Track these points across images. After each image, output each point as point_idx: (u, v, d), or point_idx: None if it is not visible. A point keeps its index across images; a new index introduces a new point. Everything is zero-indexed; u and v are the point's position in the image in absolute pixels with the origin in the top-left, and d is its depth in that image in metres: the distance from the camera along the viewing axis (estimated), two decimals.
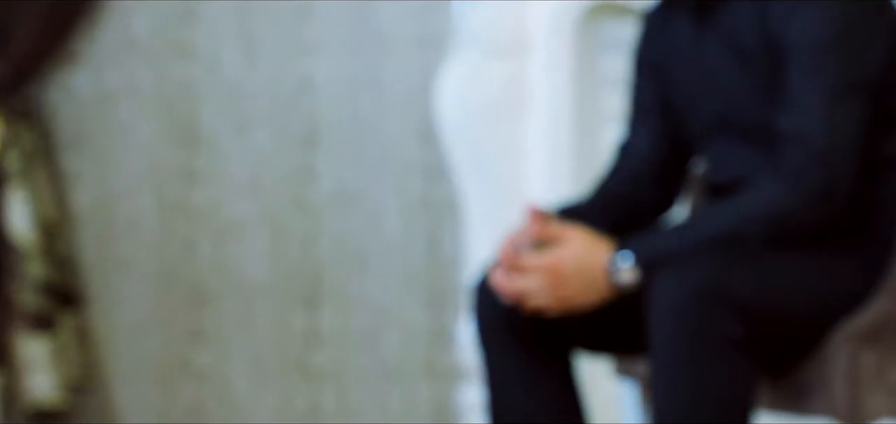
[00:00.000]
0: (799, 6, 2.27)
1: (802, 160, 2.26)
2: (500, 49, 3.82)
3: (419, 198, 4.14)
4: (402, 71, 4.12)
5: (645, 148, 2.51)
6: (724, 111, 2.39)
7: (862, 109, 2.27)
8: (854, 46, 2.27)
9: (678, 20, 2.43)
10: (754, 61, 2.33)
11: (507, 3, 3.83)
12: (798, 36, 2.27)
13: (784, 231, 2.28)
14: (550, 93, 3.83)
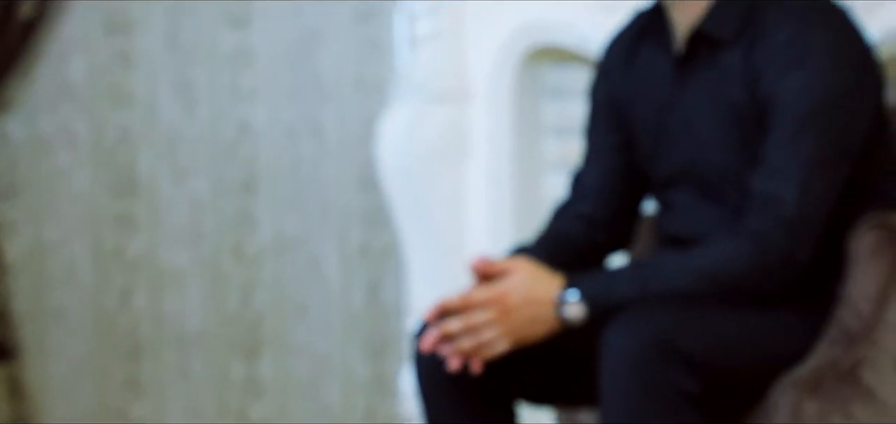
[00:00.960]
0: (791, 68, 2.24)
1: (769, 224, 2.23)
2: (441, 95, 3.81)
3: (360, 245, 4.11)
4: (342, 117, 4.10)
5: (597, 187, 2.48)
6: (695, 160, 2.36)
7: (838, 180, 2.26)
8: (840, 117, 2.25)
9: (653, 56, 2.40)
10: (736, 114, 2.30)
11: (447, 48, 3.82)
12: (786, 98, 2.24)
13: (738, 291, 2.25)
14: (491, 139, 3.83)
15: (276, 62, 4.12)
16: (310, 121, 4.12)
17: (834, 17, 2.29)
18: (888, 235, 2.29)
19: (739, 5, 2.29)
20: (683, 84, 2.34)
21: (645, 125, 2.41)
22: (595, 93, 2.50)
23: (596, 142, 2.50)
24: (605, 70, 2.49)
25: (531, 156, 3.91)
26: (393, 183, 3.80)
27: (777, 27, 2.25)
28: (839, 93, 2.23)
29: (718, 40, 2.29)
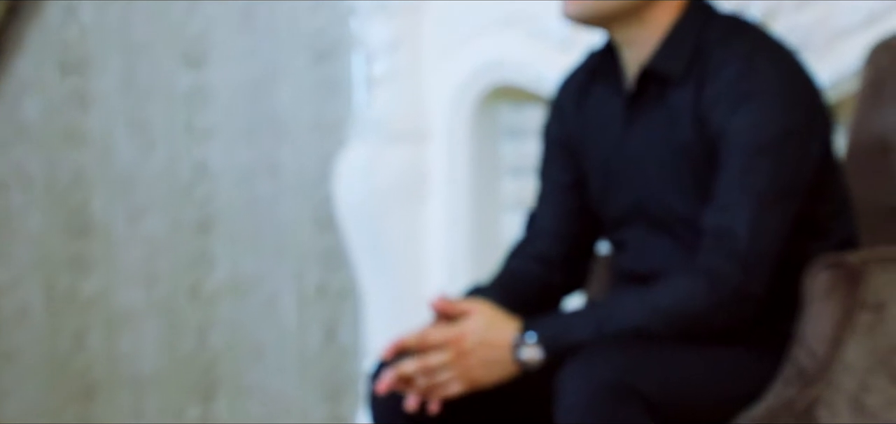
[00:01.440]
0: (740, 103, 2.25)
1: (722, 260, 2.24)
2: (399, 134, 3.82)
3: (317, 285, 4.10)
4: (299, 156, 4.09)
5: (552, 227, 2.49)
6: (646, 198, 2.36)
7: (788, 216, 2.27)
8: (790, 152, 2.26)
9: (604, 95, 2.41)
10: (686, 152, 2.31)
11: (405, 88, 3.82)
12: (735, 135, 2.25)
13: (694, 331, 2.25)
14: (449, 178, 3.83)
15: (232, 101, 4.10)
16: (266, 160, 4.10)
17: (781, 56, 2.31)
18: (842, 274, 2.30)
19: (688, 44, 2.30)
20: (633, 123, 2.35)
21: (596, 164, 2.42)
22: (548, 133, 2.51)
23: (549, 181, 2.50)
24: (558, 110, 2.49)
25: (489, 196, 3.90)
26: (350, 223, 3.79)
27: (725, 66, 2.27)
28: (787, 129, 2.25)
29: (667, 78, 2.30)
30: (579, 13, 2.33)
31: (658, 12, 2.32)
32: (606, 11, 2.31)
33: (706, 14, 2.34)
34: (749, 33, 2.33)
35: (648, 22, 2.32)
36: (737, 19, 2.36)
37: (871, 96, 2.69)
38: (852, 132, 2.71)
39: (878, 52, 2.72)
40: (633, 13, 2.32)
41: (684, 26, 2.31)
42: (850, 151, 2.70)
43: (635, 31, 2.33)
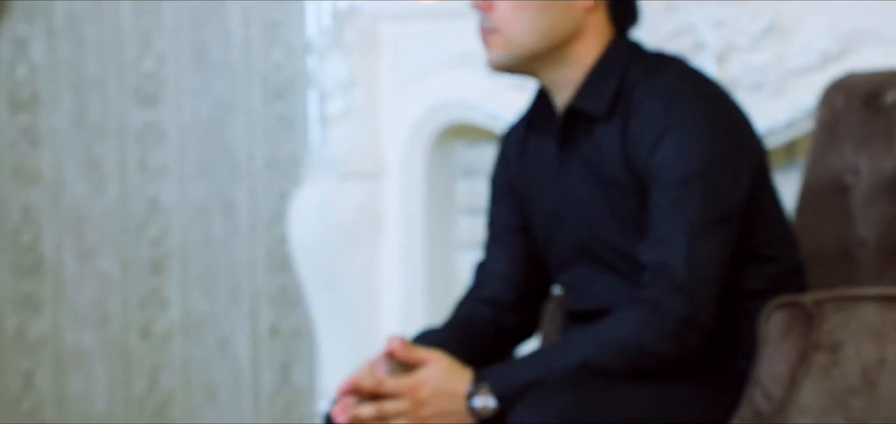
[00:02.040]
0: (664, 137, 2.26)
1: (662, 292, 2.24)
2: (354, 173, 3.81)
3: (271, 325, 4.08)
4: (253, 194, 4.08)
5: (503, 271, 2.48)
6: (587, 237, 2.37)
7: (724, 243, 2.27)
8: (718, 180, 2.27)
9: (540, 141, 2.41)
10: (618, 189, 2.31)
11: (360, 126, 3.81)
12: (662, 167, 2.26)
13: (643, 363, 2.25)
14: (405, 217, 3.82)
15: (185, 139, 4.09)
16: (220, 198, 4.09)
17: (702, 88, 2.32)
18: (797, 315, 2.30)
19: (611, 82, 2.31)
20: (566, 164, 2.36)
21: (539, 208, 2.42)
22: (495, 181, 2.51)
23: (498, 226, 2.50)
24: (503, 157, 2.50)
25: (444, 235, 3.90)
26: (305, 261, 3.78)
27: (647, 102, 2.28)
28: (712, 158, 2.26)
29: (592, 117, 2.31)
30: (499, 61, 2.34)
31: (580, 52, 2.33)
32: (525, 56, 2.32)
33: (630, 52, 2.35)
34: (671, 68, 2.34)
35: (571, 63, 2.33)
36: (660, 55, 2.37)
37: (826, 136, 2.70)
38: (807, 172, 2.72)
39: (832, 92, 2.72)
40: (554, 56, 2.32)
41: (607, 65, 2.32)
42: (804, 191, 2.70)
43: (560, 73, 2.33)
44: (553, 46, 2.32)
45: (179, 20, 4.11)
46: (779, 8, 3.48)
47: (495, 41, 2.32)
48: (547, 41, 2.31)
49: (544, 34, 2.31)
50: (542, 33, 2.31)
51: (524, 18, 2.29)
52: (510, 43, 2.31)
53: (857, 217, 2.61)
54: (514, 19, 2.29)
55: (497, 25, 2.31)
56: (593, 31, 2.33)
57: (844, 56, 3.43)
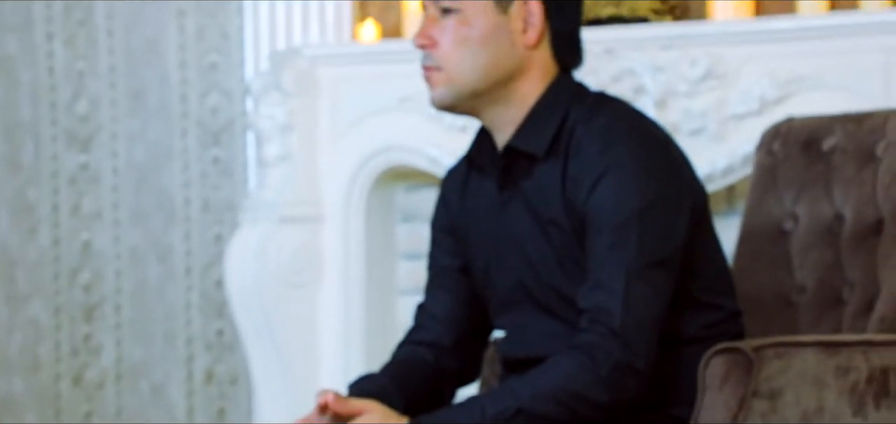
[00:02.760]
0: (602, 179, 2.24)
1: (599, 337, 2.22)
2: (292, 217, 3.78)
3: (206, 371, 4.05)
4: (189, 239, 4.04)
5: (443, 314, 2.45)
6: (527, 279, 2.34)
7: (662, 287, 2.25)
8: (656, 224, 2.25)
9: (480, 184, 2.38)
10: (558, 230, 2.29)
11: (298, 170, 3.79)
12: (600, 209, 2.24)
13: (580, 410, 2.23)
14: (344, 262, 3.79)
15: (120, 183, 4.05)
16: (156, 243, 4.05)
17: (644, 129, 2.31)
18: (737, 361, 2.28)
19: (552, 121, 2.29)
20: (507, 204, 2.34)
21: (479, 249, 2.40)
22: (435, 223, 2.48)
23: (438, 269, 2.47)
24: (444, 199, 2.47)
25: (384, 281, 3.88)
26: (241, 307, 3.74)
27: (586, 143, 2.26)
28: (650, 201, 2.24)
29: (532, 157, 2.29)
30: (442, 99, 2.32)
31: (523, 91, 2.31)
32: (468, 93, 2.30)
33: (572, 92, 2.33)
34: (611, 109, 2.33)
35: (514, 102, 2.31)
36: (601, 96, 2.36)
37: (765, 182, 2.69)
38: (746, 217, 2.71)
39: (770, 137, 2.72)
40: (497, 94, 2.31)
41: (549, 104, 2.31)
42: (743, 236, 2.70)
43: (501, 112, 2.31)
44: (496, 84, 2.30)
45: (115, 63, 4.08)
46: (718, 54, 3.49)
47: (438, 79, 2.29)
48: (490, 79, 2.29)
49: (487, 71, 2.29)
50: (485, 70, 2.28)
51: (467, 56, 2.27)
52: (453, 80, 2.28)
53: (795, 263, 2.61)
54: (457, 57, 2.27)
55: (440, 63, 2.29)
56: (537, 69, 2.31)
57: (783, 102, 3.44)
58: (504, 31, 2.26)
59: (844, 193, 2.55)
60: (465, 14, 2.25)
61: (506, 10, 2.26)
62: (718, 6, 3.59)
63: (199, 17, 4.04)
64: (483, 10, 2.26)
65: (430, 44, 2.29)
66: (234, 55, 4.03)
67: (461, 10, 2.25)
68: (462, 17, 2.25)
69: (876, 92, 3.34)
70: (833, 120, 2.63)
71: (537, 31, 2.27)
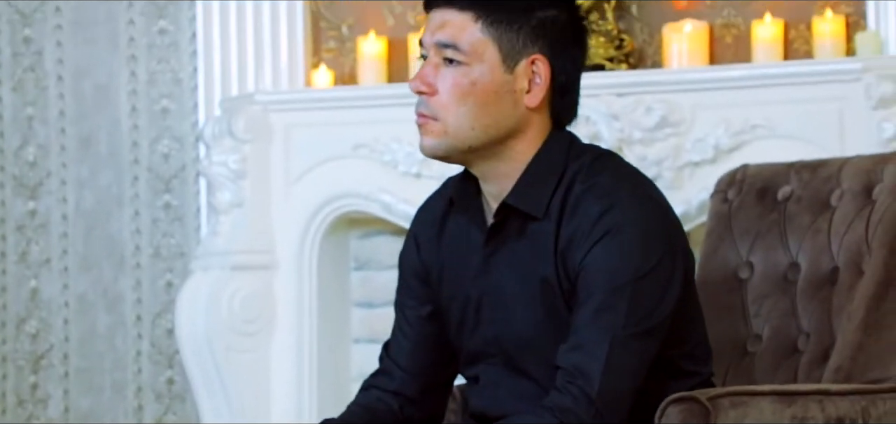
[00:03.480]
0: (601, 242, 2.18)
1: (573, 400, 2.17)
2: (244, 264, 3.75)
3: (156, 421, 4.00)
4: (139, 287, 4.00)
5: (408, 363, 2.40)
6: (504, 334, 2.29)
7: (645, 356, 2.21)
8: (649, 293, 2.20)
9: (463, 225, 2.32)
10: (545, 290, 2.23)
11: (251, 217, 3.76)
12: (594, 274, 2.18)
13: None
14: (297, 310, 3.76)
15: (69, 230, 4.00)
16: (105, 291, 4.00)
17: (642, 194, 2.26)
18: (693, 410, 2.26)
19: (550, 180, 2.24)
20: (493, 256, 2.28)
21: (454, 297, 2.34)
22: (405, 264, 2.42)
23: (405, 312, 2.41)
24: (415, 239, 2.41)
25: (338, 329, 3.84)
26: (192, 355, 3.70)
27: (585, 202, 2.20)
28: (645, 269, 2.19)
29: (528, 214, 2.24)
30: (435, 149, 2.25)
31: (518, 147, 2.25)
32: (463, 148, 2.24)
33: (568, 147, 2.27)
34: (610, 168, 2.27)
35: (508, 157, 2.25)
36: (599, 152, 2.30)
37: (720, 230, 2.68)
38: (701, 266, 2.70)
39: (725, 185, 2.71)
40: (492, 149, 2.24)
41: (545, 161, 2.25)
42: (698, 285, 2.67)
43: (494, 166, 2.25)
44: (492, 142, 2.23)
45: (64, 108, 4.04)
46: (673, 102, 3.49)
47: (433, 129, 2.21)
48: (486, 137, 2.21)
49: (486, 130, 2.21)
50: (484, 128, 2.21)
51: (466, 111, 2.18)
52: (448, 134, 2.20)
53: (751, 312, 2.60)
54: (456, 110, 2.18)
55: (437, 113, 2.20)
56: (534, 127, 2.24)
57: (738, 150, 3.43)
58: (508, 91, 2.17)
59: (799, 242, 2.54)
60: (470, 68, 2.15)
61: (512, 69, 2.17)
62: (673, 54, 3.59)
63: (150, 62, 4.01)
64: (489, 66, 2.16)
65: (430, 91, 2.19)
66: (187, 100, 4.00)
67: (466, 63, 2.16)
68: (466, 69, 2.15)
69: (830, 140, 3.34)
70: (788, 168, 2.62)
71: (542, 93, 2.18)
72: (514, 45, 2.16)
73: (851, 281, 2.42)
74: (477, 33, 2.15)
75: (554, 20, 2.18)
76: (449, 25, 2.15)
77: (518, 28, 2.15)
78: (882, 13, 3.47)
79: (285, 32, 3.88)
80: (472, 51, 2.14)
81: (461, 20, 2.15)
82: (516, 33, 2.15)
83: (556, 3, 2.19)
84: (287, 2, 3.88)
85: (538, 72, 2.17)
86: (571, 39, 2.20)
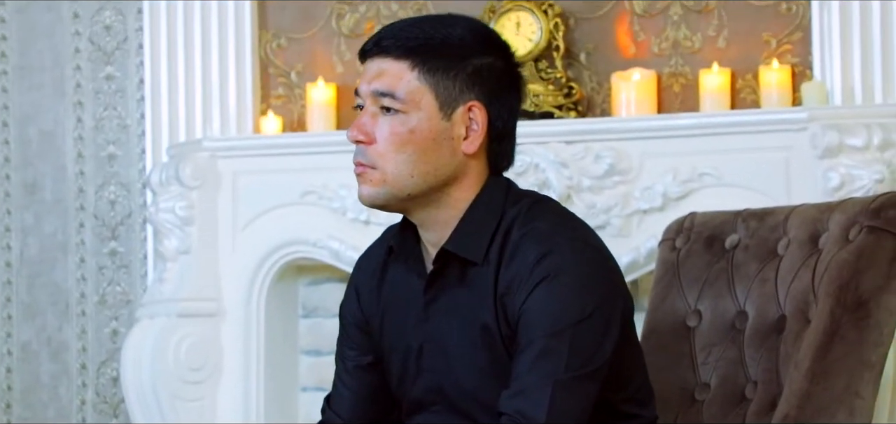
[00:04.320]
0: (539, 287, 2.18)
1: None
2: (191, 312, 3.72)
3: None
4: (84, 335, 3.96)
5: (350, 411, 2.38)
6: (446, 382, 2.28)
7: (587, 399, 2.20)
8: (589, 336, 2.20)
9: (403, 274, 2.32)
10: (486, 336, 2.23)
11: (198, 264, 3.73)
12: (534, 318, 2.18)
13: None
14: (244, 358, 3.73)
15: (13, 277, 3.96)
16: (49, 339, 3.95)
17: (581, 238, 2.26)
18: None
19: (488, 226, 2.24)
20: (433, 303, 2.27)
21: (395, 345, 2.33)
22: (346, 314, 2.41)
23: (346, 363, 2.40)
24: (356, 289, 2.40)
25: (285, 377, 3.81)
26: (138, 404, 3.67)
27: (524, 248, 2.21)
28: (586, 313, 2.19)
29: (467, 261, 2.24)
30: (373, 198, 2.24)
31: (456, 194, 2.25)
32: (402, 195, 2.23)
33: (506, 193, 2.28)
34: (549, 214, 2.28)
35: (446, 204, 2.25)
36: (538, 198, 2.31)
37: (668, 278, 2.68)
38: (650, 313, 2.70)
39: (673, 233, 2.71)
40: (431, 196, 2.24)
41: (483, 207, 2.25)
42: (647, 332, 2.68)
43: (433, 213, 2.25)
44: (430, 189, 2.23)
45: (9, 154, 4.00)
46: (621, 150, 3.49)
47: (372, 177, 2.21)
48: (425, 184, 2.22)
49: (424, 177, 2.21)
50: (423, 175, 2.21)
51: (404, 159, 2.18)
52: (387, 182, 2.20)
53: (699, 360, 2.59)
54: (395, 159, 2.18)
55: (375, 162, 2.20)
56: (472, 173, 2.24)
57: (686, 198, 3.44)
58: (446, 138, 2.18)
59: (747, 290, 2.54)
60: (407, 116, 2.16)
61: (449, 116, 2.18)
62: (622, 102, 3.60)
63: (97, 108, 3.98)
64: (427, 114, 2.17)
65: (368, 140, 2.19)
66: (133, 147, 3.97)
67: (403, 111, 2.16)
68: (403, 117, 2.16)
69: (777, 189, 3.36)
70: (735, 216, 2.62)
71: (479, 139, 2.20)
72: (450, 92, 2.16)
73: (798, 330, 2.42)
74: (414, 81, 2.15)
75: (490, 67, 2.19)
76: (386, 74, 2.16)
77: (454, 75, 2.16)
78: (827, 64, 3.50)
79: (234, 78, 3.86)
80: (409, 99, 2.15)
81: (398, 69, 2.16)
82: (452, 81, 2.16)
83: (492, 50, 2.20)
84: (236, 48, 3.87)
85: (475, 119, 2.17)
86: (508, 86, 2.21)
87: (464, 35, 2.18)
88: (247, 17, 3.87)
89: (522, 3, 3.71)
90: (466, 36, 2.18)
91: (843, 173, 3.33)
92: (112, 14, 3.98)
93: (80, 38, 4.00)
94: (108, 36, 3.99)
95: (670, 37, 3.68)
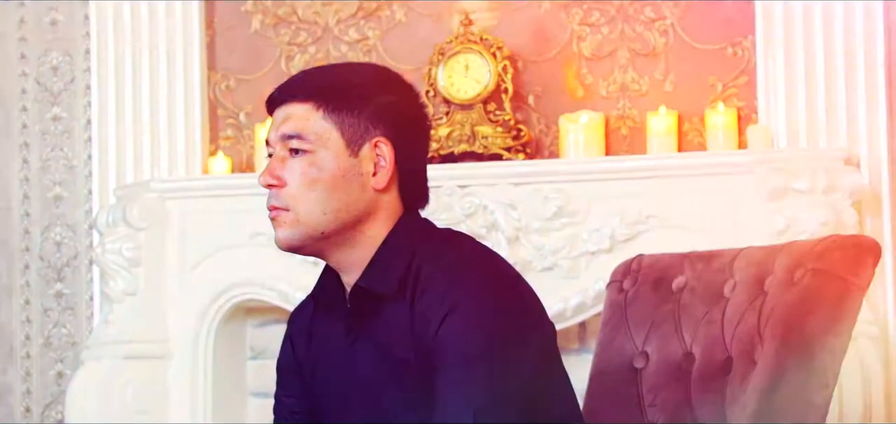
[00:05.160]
0: (450, 315, 2.20)
1: None
2: (138, 353, 3.69)
3: None
4: (29, 378, 3.92)
5: None
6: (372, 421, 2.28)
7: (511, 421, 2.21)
8: (504, 358, 2.21)
9: (328, 322, 2.33)
10: (407, 370, 2.24)
11: (144, 306, 3.70)
12: (447, 345, 2.20)
13: None
14: (191, 401, 3.70)
15: None
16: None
17: (492, 267, 2.29)
18: None
19: (401, 261, 2.26)
20: (355, 343, 2.29)
21: (327, 390, 2.34)
22: (281, 364, 2.42)
23: (285, 412, 2.40)
24: (291, 340, 2.41)
25: (232, 418, 3.79)
26: None
27: (433, 281, 2.23)
28: (499, 337, 2.21)
29: (380, 297, 2.26)
30: (289, 240, 2.27)
31: (369, 231, 2.28)
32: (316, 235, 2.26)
33: (418, 230, 2.30)
34: (457, 247, 2.31)
35: (360, 242, 2.27)
36: (449, 233, 2.34)
37: (615, 319, 2.69)
38: (597, 355, 2.70)
39: (621, 275, 2.72)
40: (344, 235, 2.27)
41: (394, 243, 2.27)
42: (594, 374, 2.68)
43: (348, 253, 2.28)
44: (344, 227, 2.26)
45: None
46: (569, 192, 3.50)
47: (286, 219, 2.24)
48: (339, 222, 2.25)
49: (336, 215, 2.24)
50: (335, 214, 2.24)
51: (315, 197, 2.22)
52: (300, 223, 2.24)
53: (646, 401, 2.59)
54: (306, 199, 2.22)
55: (287, 204, 2.24)
56: (384, 210, 2.28)
57: (634, 239, 3.45)
58: (355, 174, 2.22)
59: (693, 332, 2.55)
60: (315, 155, 2.20)
61: (357, 152, 2.21)
62: (570, 144, 3.61)
63: (43, 148, 3.95)
64: (334, 152, 2.21)
65: (279, 183, 2.23)
66: (80, 188, 3.94)
67: (311, 150, 2.20)
68: (311, 157, 2.20)
69: (724, 231, 3.37)
70: (682, 258, 2.63)
71: (388, 174, 2.24)
72: (356, 129, 2.20)
73: (744, 372, 2.43)
74: (320, 121, 2.19)
75: (394, 105, 2.22)
76: (292, 118, 2.20)
77: (358, 113, 2.20)
78: (773, 107, 3.53)
79: (182, 119, 3.85)
80: (316, 138, 2.19)
81: (304, 111, 2.20)
82: (357, 118, 2.20)
83: (395, 90, 2.24)
84: (184, 89, 3.85)
85: (382, 154, 2.21)
86: (413, 123, 2.25)
87: (367, 76, 2.24)
88: (195, 58, 3.86)
89: (471, 45, 3.72)
90: (369, 76, 2.24)
91: (788, 216, 3.35)
92: (59, 55, 3.96)
93: (26, 78, 3.98)
94: (54, 77, 3.97)
95: (618, 80, 3.70)
